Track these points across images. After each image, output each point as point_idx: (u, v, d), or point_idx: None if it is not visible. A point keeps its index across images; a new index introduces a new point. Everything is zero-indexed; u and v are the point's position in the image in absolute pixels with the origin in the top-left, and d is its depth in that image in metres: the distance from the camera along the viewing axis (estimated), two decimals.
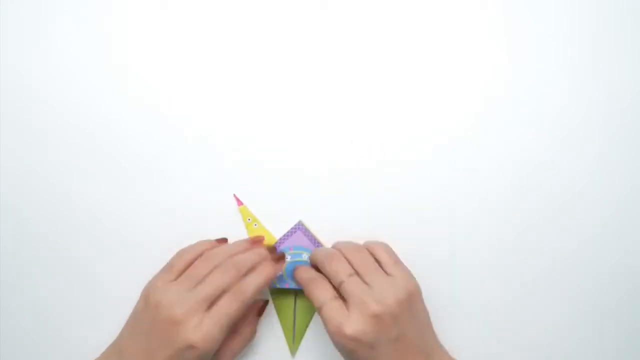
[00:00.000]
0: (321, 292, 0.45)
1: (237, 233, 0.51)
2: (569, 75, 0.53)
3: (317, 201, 0.52)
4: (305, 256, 0.50)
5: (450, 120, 0.52)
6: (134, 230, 0.51)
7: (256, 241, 0.50)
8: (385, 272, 0.45)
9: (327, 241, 0.51)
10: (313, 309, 0.50)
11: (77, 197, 0.51)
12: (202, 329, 0.43)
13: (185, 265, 0.46)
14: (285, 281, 0.50)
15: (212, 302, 0.44)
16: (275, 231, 0.51)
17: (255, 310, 0.49)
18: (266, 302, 0.50)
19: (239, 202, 0.51)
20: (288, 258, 0.50)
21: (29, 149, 0.52)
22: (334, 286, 0.45)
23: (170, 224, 0.51)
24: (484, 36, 0.53)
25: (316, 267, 0.48)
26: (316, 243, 0.50)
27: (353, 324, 0.42)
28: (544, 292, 0.51)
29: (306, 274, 0.47)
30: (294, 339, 0.50)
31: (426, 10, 0.53)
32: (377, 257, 0.46)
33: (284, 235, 0.51)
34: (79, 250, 0.51)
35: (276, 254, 0.49)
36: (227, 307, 0.44)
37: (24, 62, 0.53)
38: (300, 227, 0.51)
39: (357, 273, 0.45)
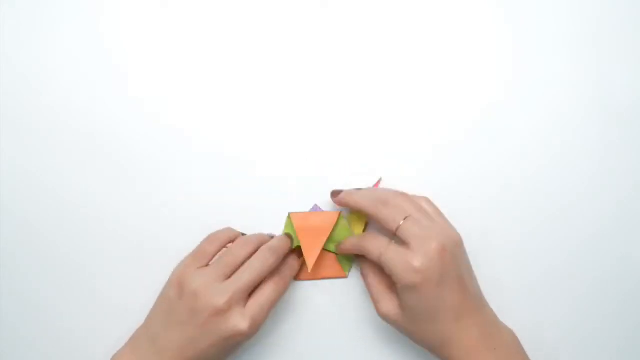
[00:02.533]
0: (378, 241, 0.46)
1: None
2: (570, 78, 0.53)
3: (318, 202, 0.52)
4: None
5: (450, 123, 0.52)
6: (134, 230, 0.51)
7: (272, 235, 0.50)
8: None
9: None
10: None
11: (76, 197, 0.51)
12: (248, 316, 0.44)
13: (216, 250, 0.47)
14: None
15: (253, 288, 0.45)
16: (277, 230, 0.51)
17: None
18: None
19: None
20: None
21: (29, 150, 0.52)
22: (389, 230, 0.45)
23: (171, 224, 0.51)
24: (484, 38, 0.53)
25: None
26: None
27: (420, 257, 0.43)
28: (544, 293, 0.51)
29: (351, 239, 0.48)
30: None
31: (427, 10, 0.53)
32: (422, 208, 0.47)
33: None
34: (78, 251, 0.51)
35: None
36: (270, 294, 0.45)
37: (24, 62, 0.53)
38: (317, 209, 0.51)
39: (412, 216, 0.45)
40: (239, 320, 0.43)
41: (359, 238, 0.47)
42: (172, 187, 0.52)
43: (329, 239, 0.50)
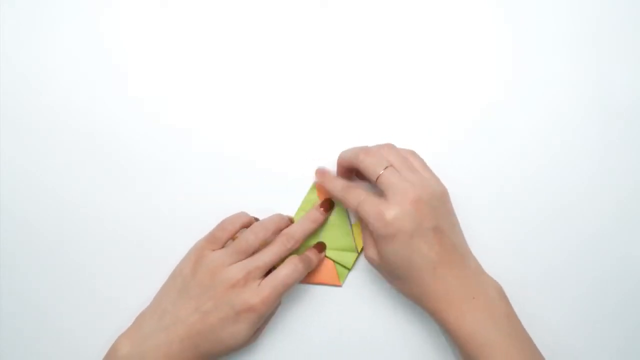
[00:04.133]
0: (356, 193, 0.46)
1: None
2: (570, 78, 0.53)
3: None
4: None
5: (450, 123, 0.52)
6: (134, 230, 0.51)
7: (287, 218, 0.50)
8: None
9: None
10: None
11: (76, 197, 0.51)
12: (261, 293, 0.44)
13: (229, 236, 0.48)
14: None
15: (267, 271, 0.46)
16: None
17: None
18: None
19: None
20: None
21: (29, 150, 0.52)
22: (369, 178, 0.46)
23: (171, 224, 0.51)
24: (484, 38, 0.53)
25: (343, 172, 0.49)
26: None
27: (393, 208, 0.43)
28: (544, 293, 0.51)
29: (336, 182, 0.48)
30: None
31: (427, 10, 0.53)
32: (408, 160, 0.47)
33: None
34: (78, 251, 0.51)
35: (325, 204, 0.50)
36: (286, 276, 0.46)
37: (24, 62, 0.53)
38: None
39: (393, 166, 0.45)
40: (252, 295, 0.44)
41: (342, 188, 0.47)
42: (172, 187, 0.52)
43: (329, 247, 0.50)
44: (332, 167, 0.52)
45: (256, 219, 0.50)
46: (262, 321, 0.46)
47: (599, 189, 0.52)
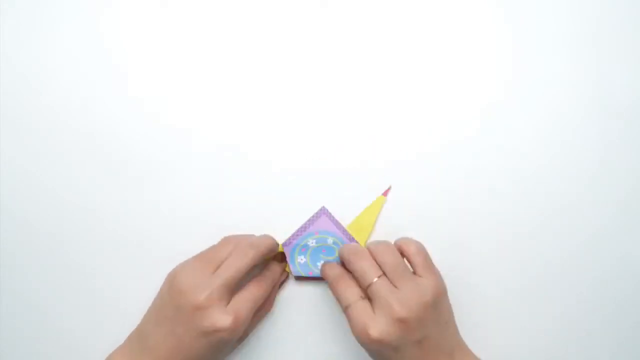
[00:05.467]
0: (348, 292, 0.45)
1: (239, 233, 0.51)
2: (570, 78, 0.53)
3: (321, 202, 0.52)
4: (330, 240, 0.50)
5: (450, 123, 0.52)
6: (134, 230, 0.51)
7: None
8: (416, 273, 0.45)
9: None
10: None
11: (76, 197, 0.51)
12: (229, 312, 0.44)
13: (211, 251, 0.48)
14: (309, 269, 0.50)
15: (235, 285, 0.45)
16: (278, 231, 0.51)
17: (276, 286, 0.50)
18: (286, 277, 0.51)
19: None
20: (313, 242, 0.50)
21: (29, 150, 0.52)
22: (360, 285, 0.45)
23: (171, 224, 0.51)
24: (484, 38, 0.53)
25: (344, 264, 0.48)
26: (341, 227, 0.51)
27: (378, 326, 0.42)
28: (544, 293, 0.51)
29: (332, 271, 0.47)
30: None
31: (427, 10, 0.53)
32: (409, 257, 0.46)
33: (309, 220, 0.51)
34: (78, 251, 0.51)
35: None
36: (254, 292, 0.46)
37: (24, 62, 0.53)
38: (325, 212, 0.51)
39: (386, 274, 0.44)
40: (219, 316, 0.43)
41: (336, 276, 0.47)
42: (172, 187, 0.52)
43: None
44: (332, 166, 0.52)
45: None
46: (238, 336, 0.45)
47: (599, 189, 0.52)
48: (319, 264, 0.50)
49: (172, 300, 0.44)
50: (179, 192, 0.52)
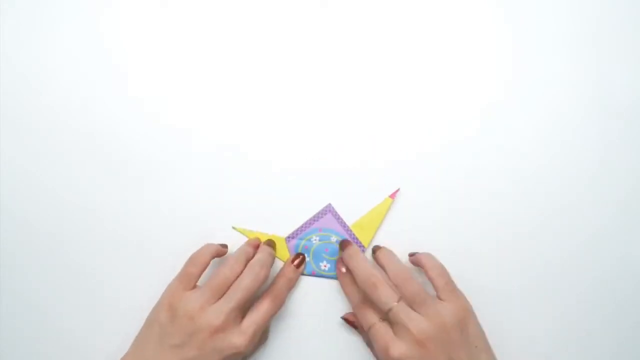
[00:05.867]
0: (368, 315, 0.47)
1: (239, 233, 0.51)
2: (570, 78, 0.53)
3: (320, 202, 0.52)
4: (334, 239, 0.50)
5: (450, 123, 0.52)
6: (134, 230, 0.51)
7: (256, 243, 0.50)
8: (438, 296, 0.46)
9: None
10: None
11: (76, 197, 0.51)
12: (247, 332, 0.44)
13: (201, 271, 0.47)
14: (312, 268, 0.50)
15: (246, 303, 0.46)
16: (279, 230, 0.51)
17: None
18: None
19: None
20: (317, 239, 0.50)
21: (29, 150, 0.52)
22: (380, 311, 0.46)
23: (171, 224, 0.51)
24: (484, 38, 0.53)
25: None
26: (345, 226, 0.51)
27: (399, 346, 0.44)
28: (544, 293, 0.51)
29: (354, 295, 0.48)
30: None
31: (427, 10, 0.53)
32: (431, 279, 0.46)
33: (314, 217, 0.51)
34: (78, 251, 0.51)
35: (297, 259, 0.50)
36: (266, 310, 0.46)
37: (24, 62, 0.53)
38: (330, 210, 0.51)
39: (405, 300, 0.45)
40: (236, 337, 0.44)
41: (357, 304, 0.48)
42: (172, 187, 0.52)
43: None
44: (331, 166, 0.52)
45: (223, 246, 0.49)
46: (251, 351, 0.46)
47: (599, 189, 0.52)
48: (322, 264, 0.50)
49: (180, 327, 0.44)
50: (179, 192, 0.52)
